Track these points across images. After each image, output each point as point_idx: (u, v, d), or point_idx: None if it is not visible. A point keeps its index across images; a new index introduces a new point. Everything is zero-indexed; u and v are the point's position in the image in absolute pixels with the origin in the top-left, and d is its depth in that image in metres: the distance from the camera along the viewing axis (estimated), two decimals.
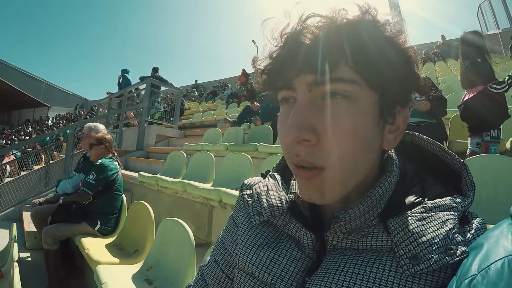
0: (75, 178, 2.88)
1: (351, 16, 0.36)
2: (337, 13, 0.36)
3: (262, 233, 0.49)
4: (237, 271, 0.49)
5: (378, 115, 0.38)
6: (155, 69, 7.49)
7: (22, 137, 16.53)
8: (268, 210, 0.47)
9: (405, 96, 0.40)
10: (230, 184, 2.61)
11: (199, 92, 17.74)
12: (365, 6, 0.37)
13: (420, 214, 0.37)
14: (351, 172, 0.38)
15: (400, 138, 0.42)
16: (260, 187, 0.53)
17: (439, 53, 11.25)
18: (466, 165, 0.41)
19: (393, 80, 0.37)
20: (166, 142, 6.55)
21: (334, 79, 0.35)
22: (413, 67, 0.39)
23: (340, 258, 0.39)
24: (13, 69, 23.35)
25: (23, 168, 6.87)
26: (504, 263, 0.25)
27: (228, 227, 0.57)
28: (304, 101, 0.37)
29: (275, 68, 0.40)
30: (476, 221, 0.36)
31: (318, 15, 0.37)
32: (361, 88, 0.36)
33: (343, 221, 0.38)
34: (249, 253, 0.47)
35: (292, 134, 0.36)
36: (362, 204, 0.38)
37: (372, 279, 0.35)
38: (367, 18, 0.36)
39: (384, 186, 0.40)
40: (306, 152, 0.37)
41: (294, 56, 0.37)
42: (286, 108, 0.40)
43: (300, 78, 0.37)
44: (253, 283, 0.45)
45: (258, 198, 0.50)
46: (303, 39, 0.36)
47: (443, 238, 0.33)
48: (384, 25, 0.37)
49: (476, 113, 2.51)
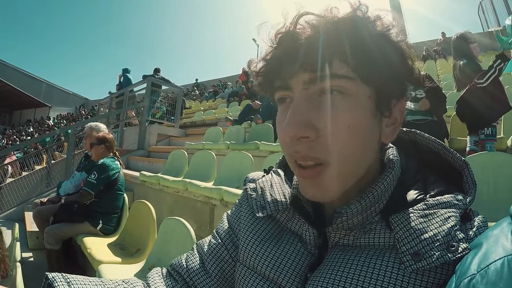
0: (77, 177, 2.88)
1: (342, 14, 0.37)
2: (329, 11, 0.37)
3: (265, 227, 0.49)
4: (238, 265, 0.49)
5: (374, 109, 0.38)
6: (157, 70, 7.46)
7: (23, 138, 16.56)
8: (272, 204, 0.48)
9: (400, 88, 0.40)
10: (231, 183, 2.61)
11: (200, 91, 17.72)
12: (356, 4, 0.37)
13: (422, 211, 0.37)
14: (351, 166, 0.38)
15: (397, 131, 0.42)
16: (264, 181, 0.53)
17: (439, 51, 11.20)
18: (467, 164, 0.41)
19: (386, 73, 0.37)
20: (167, 141, 6.55)
21: (328, 75, 0.36)
22: (406, 60, 0.39)
23: (342, 255, 0.39)
24: (13, 69, 23.38)
25: (24, 169, 6.89)
26: (504, 262, 0.25)
27: (235, 211, 0.57)
28: (301, 99, 0.38)
29: (270, 69, 0.40)
30: (477, 218, 0.36)
31: (311, 14, 0.37)
32: (356, 83, 0.36)
33: (345, 216, 0.39)
34: (251, 246, 0.47)
35: (291, 132, 0.36)
36: (364, 199, 0.39)
37: (376, 276, 0.35)
38: (358, 15, 0.37)
39: (386, 181, 0.40)
40: (306, 148, 0.37)
41: (289, 55, 0.37)
42: (284, 107, 0.40)
43: (296, 76, 0.37)
44: (254, 277, 0.45)
45: (262, 192, 0.51)
46: (297, 38, 0.36)
47: (445, 235, 0.33)
48: (375, 21, 0.38)
49: (469, 109, 2.53)
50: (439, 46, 11.49)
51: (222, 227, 0.56)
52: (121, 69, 7.83)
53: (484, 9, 13.62)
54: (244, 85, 10.35)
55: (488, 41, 10.68)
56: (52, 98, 24.96)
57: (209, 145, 4.31)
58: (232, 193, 2.20)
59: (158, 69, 7.50)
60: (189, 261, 0.54)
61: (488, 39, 10.89)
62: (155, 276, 0.53)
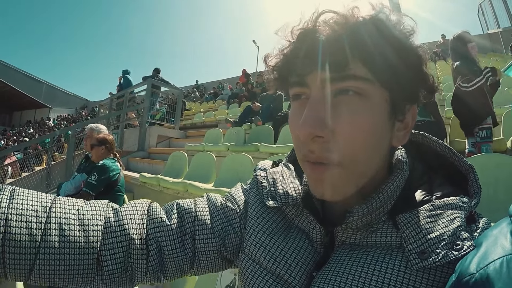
0: (77, 178, 2.88)
1: (365, 15, 0.36)
2: (350, 10, 0.36)
3: (274, 219, 0.48)
4: (242, 256, 0.48)
5: (389, 112, 0.38)
6: (157, 70, 7.40)
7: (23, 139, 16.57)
8: (283, 196, 0.47)
9: (415, 94, 0.41)
10: (231, 184, 2.60)
11: (200, 93, 17.74)
12: (379, 5, 0.37)
13: (429, 212, 0.37)
14: (363, 168, 0.38)
15: (408, 135, 0.42)
16: (276, 172, 0.52)
17: (439, 53, 11.23)
18: (473, 168, 0.42)
19: (404, 78, 0.37)
20: (167, 142, 6.55)
21: (347, 76, 0.36)
22: (423, 66, 0.39)
23: (349, 254, 0.40)
24: (14, 70, 23.37)
25: (24, 169, 6.89)
26: (503, 262, 0.25)
27: (248, 188, 0.55)
28: (318, 98, 0.37)
29: (287, 64, 0.40)
30: (482, 220, 0.37)
31: (332, 11, 0.37)
32: (373, 86, 0.36)
33: (356, 216, 0.39)
34: (259, 238, 0.47)
35: (306, 130, 0.36)
36: (375, 200, 0.39)
37: (383, 274, 0.35)
38: (381, 17, 0.37)
39: (396, 182, 0.40)
40: (321, 148, 0.37)
41: (308, 52, 0.37)
42: (298, 104, 0.40)
43: (314, 74, 0.37)
44: (259, 271, 0.45)
45: (273, 182, 0.50)
46: (317, 36, 0.36)
47: (451, 234, 0.34)
48: (397, 25, 0.38)
49: (457, 108, 2.63)
50: (439, 48, 11.51)
51: (238, 196, 0.54)
52: (121, 71, 7.83)
53: (483, 11, 13.65)
54: (244, 86, 10.35)
55: (488, 43, 10.71)
56: (53, 99, 24.96)
57: (209, 147, 4.32)
58: None
59: (158, 69, 7.44)
60: (198, 209, 0.50)
61: (488, 41, 10.93)
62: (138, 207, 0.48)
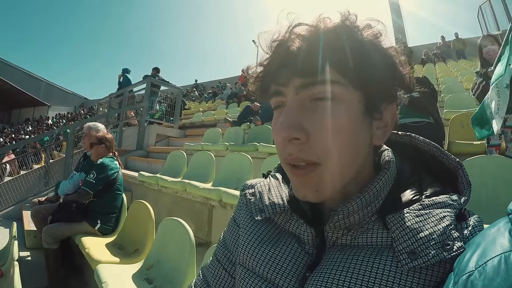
0: (76, 177, 2.88)
1: (333, 23, 0.39)
2: (321, 21, 0.40)
3: (263, 230, 0.50)
4: (238, 267, 0.50)
5: (364, 112, 0.40)
6: (157, 69, 7.41)
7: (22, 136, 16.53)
8: (270, 207, 0.49)
9: (389, 93, 0.42)
10: (230, 184, 2.62)
11: (199, 92, 17.74)
12: (346, 14, 0.40)
13: (418, 211, 0.38)
14: (341, 167, 0.39)
15: (389, 133, 0.44)
16: (262, 186, 0.54)
17: (439, 54, 11.27)
18: (462, 165, 0.43)
19: (375, 79, 0.39)
20: (166, 141, 6.55)
21: (319, 81, 0.38)
22: (395, 65, 0.41)
23: (340, 255, 0.40)
24: (13, 68, 23.33)
25: (23, 167, 6.87)
26: (501, 259, 0.25)
27: (229, 227, 0.58)
28: (293, 103, 0.40)
29: (267, 74, 0.43)
30: (473, 218, 0.38)
31: (305, 24, 0.40)
32: (346, 88, 0.39)
33: (341, 214, 0.40)
34: (250, 248, 0.48)
35: (283, 133, 0.39)
36: (360, 198, 0.40)
37: (374, 274, 0.36)
38: (347, 24, 0.40)
39: (381, 181, 0.41)
40: (298, 150, 0.39)
41: (282, 62, 0.40)
42: (278, 113, 0.43)
43: (289, 82, 0.40)
44: (253, 278, 0.46)
45: (260, 196, 0.52)
46: (290, 46, 0.39)
47: (441, 234, 0.34)
48: (364, 29, 0.40)
49: None
50: (439, 50, 11.54)
51: (218, 247, 0.58)
52: (121, 69, 7.83)
53: (483, 13, 13.68)
54: (244, 86, 10.36)
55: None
56: (51, 97, 24.90)
57: (208, 146, 4.32)
58: (230, 194, 2.20)
59: (157, 69, 7.44)
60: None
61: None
62: None
